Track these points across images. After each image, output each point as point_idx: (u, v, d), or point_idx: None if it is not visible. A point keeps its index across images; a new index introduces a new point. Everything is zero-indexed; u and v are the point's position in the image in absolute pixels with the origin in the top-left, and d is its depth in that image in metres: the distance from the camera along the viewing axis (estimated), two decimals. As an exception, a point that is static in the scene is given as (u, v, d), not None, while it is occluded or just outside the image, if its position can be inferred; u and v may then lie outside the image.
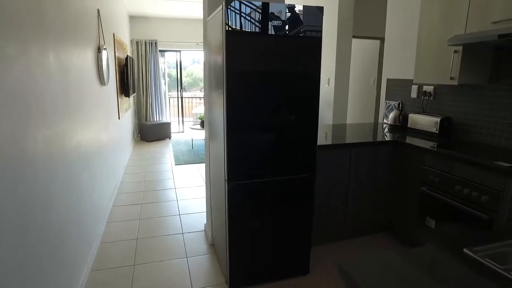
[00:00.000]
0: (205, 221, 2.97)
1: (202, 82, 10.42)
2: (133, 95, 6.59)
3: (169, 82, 8.87)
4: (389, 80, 3.47)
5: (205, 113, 2.64)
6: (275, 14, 1.82)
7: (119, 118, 4.53)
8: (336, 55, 4.19)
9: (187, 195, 3.87)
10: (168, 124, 7.17)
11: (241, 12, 1.76)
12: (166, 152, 6.00)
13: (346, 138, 2.81)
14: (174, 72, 7.95)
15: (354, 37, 4.41)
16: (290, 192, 2.12)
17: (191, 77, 12.40)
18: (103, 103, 3.35)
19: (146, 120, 7.30)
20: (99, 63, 3.14)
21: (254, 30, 1.81)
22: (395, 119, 3.19)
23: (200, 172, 4.79)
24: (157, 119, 7.42)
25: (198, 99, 9.91)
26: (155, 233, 2.91)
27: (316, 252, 2.58)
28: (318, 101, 2.04)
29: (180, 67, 7.84)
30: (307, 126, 2.06)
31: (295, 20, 1.86)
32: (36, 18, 1.61)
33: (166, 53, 7.88)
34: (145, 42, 7.03)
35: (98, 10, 3.27)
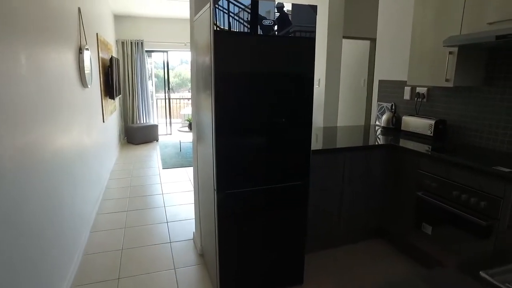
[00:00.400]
0: (194, 229, 2.85)
1: (190, 83, 10.25)
2: (118, 97, 6.39)
3: (156, 83, 8.68)
4: (381, 82, 3.41)
5: (193, 115, 2.52)
6: (266, 13, 1.72)
7: (104, 121, 4.36)
8: (326, 55, 4.12)
9: (175, 201, 3.74)
10: (156, 126, 7.00)
11: (229, 11, 1.66)
12: (154, 155, 5.83)
13: (339, 142, 2.73)
14: (162, 73, 7.77)
15: (345, 37, 4.34)
16: (282, 200, 2.02)
17: (180, 77, 12.23)
18: (85, 106, 3.19)
19: (132, 122, 7.10)
20: (81, 64, 2.99)
21: (243, 30, 1.71)
22: (388, 121, 3.13)
23: (188, 176, 4.65)
24: (144, 121, 7.23)
25: (187, 100, 9.74)
26: (142, 243, 2.78)
27: (310, 259, 2.49)
28: (312, 104, 1.94)
29: (167, 68, 7.67)
30: (300, 131, 1.96)
31: (286, 19, 1.76)
32: (1, 16, 1.47)
33: (153, 54, 7.69)
34: (131, 42, 6.84)
35: (79, 9, 3.11)
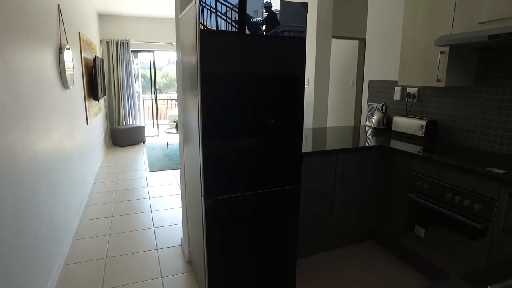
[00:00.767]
0: (182, 235, 2.75)
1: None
2: (103, 98, 6.22)
3: (143, 84, 8.51)
4: (371, 82, 3.38)
5: (179, 116, 2.42)
6: (254, 11, 1.64)
7: (88, 123, 4.22)
8: (315, 55, 4.07)
9: (162, 205, 3.62)
10: (142, 128, 6.84)
11: (216, 9, 1.57)
12: (140, 158, 5.69)
13: (330, 143, 2.67)
14: (148, 73, 7.61)
15: (334, 37, 4.31)
16: (273, 205, 1.94)
17: (167, 78, 12.06)
18: (67, 108, 3.06)
19: (118, 124, 6.92)
20: (61, 65, 2.85)
21: (231, 29, 1.63)
22: (378, 121, 3.09)
23: (176, 179, 4.54)
24: (131, 123, 7.06)
25: (174, 101, 9.58)
26: (127, 250, 2.66)
27: (302, 264, 2.42)
28: (303, 105, 1.88)
29: (154, 68, 7.52)
30: (291, 133, 1.89)
31: (276, 17, 1.69)
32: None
33: (139, 54, 7.53)
34: (116, 42, 6.66)
35: (59, 6, 2.97)
